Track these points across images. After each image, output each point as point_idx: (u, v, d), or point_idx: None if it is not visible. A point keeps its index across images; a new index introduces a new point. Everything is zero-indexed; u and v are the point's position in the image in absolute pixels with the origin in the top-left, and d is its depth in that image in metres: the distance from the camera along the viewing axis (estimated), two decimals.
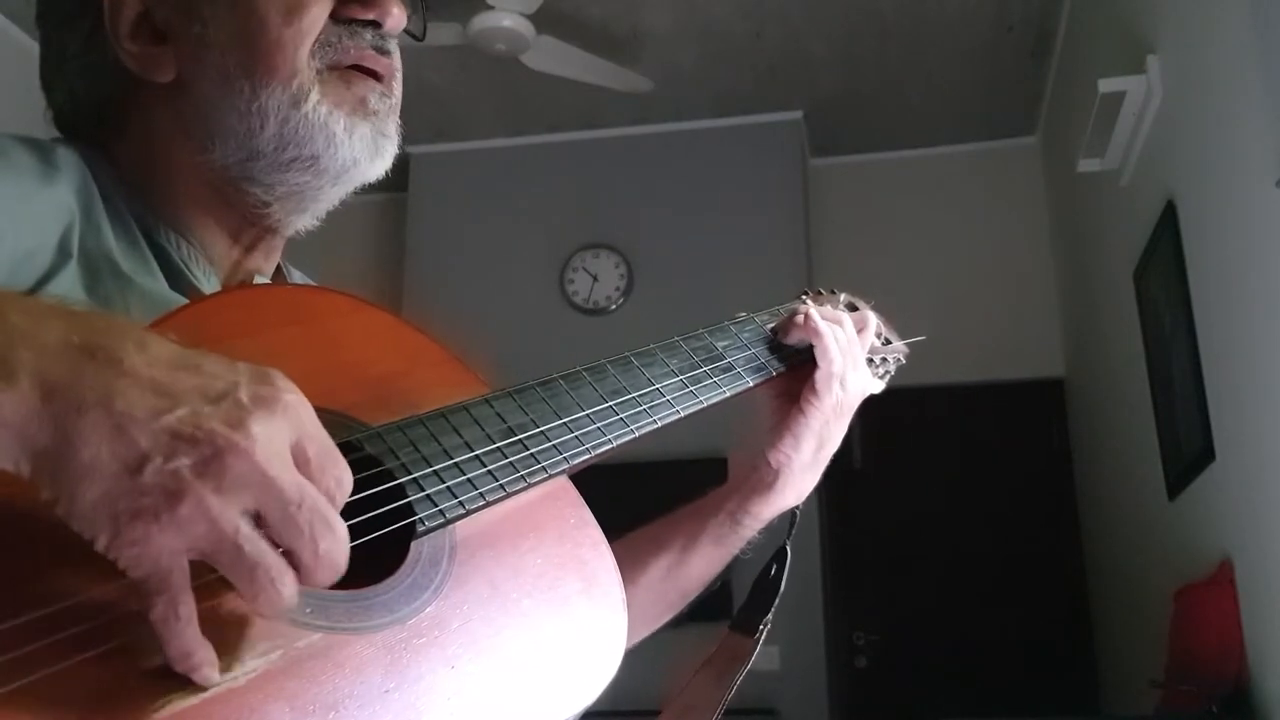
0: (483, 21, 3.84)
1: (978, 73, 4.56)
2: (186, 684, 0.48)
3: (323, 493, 0.49)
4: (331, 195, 0.79)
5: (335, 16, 0.75)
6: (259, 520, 0.48)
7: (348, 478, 0.51)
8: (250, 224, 0.79)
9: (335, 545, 0.49)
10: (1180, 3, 2.91)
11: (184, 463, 0.45)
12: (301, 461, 0.49)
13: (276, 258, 0.84)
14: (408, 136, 0.82)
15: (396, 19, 0.78)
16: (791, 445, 0.92)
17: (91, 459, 0.45)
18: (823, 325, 0.92)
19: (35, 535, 0.47)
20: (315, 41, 0.74)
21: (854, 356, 0.94)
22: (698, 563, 0.93)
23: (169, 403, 0.47)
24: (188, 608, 0.47)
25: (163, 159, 0.76)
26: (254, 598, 0.47)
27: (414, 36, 0.82)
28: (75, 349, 0.47)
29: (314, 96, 0.74)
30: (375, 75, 0.77)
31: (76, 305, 0.52)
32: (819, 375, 0.92)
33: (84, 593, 0.48)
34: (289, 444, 0.49)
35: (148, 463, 0.45)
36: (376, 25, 0.77)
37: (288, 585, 0.48)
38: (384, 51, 0.78)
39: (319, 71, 0.74)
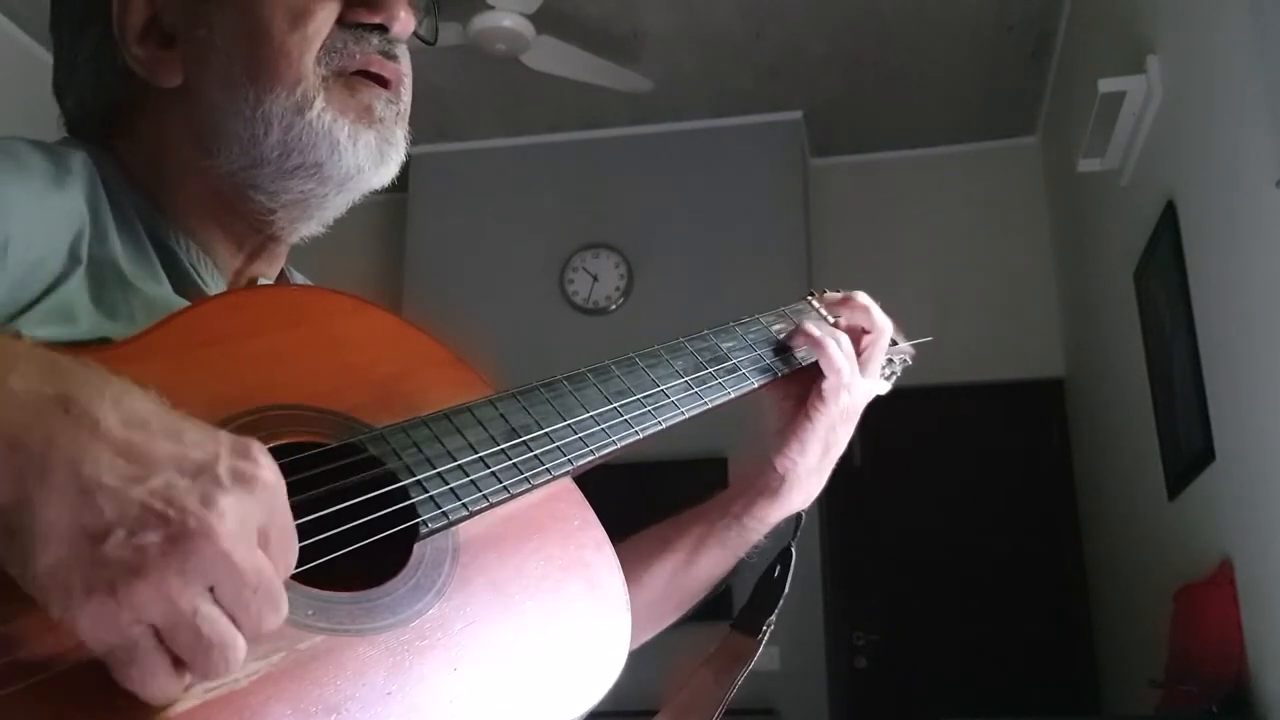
0: (483, 21, 3.83)
1: (978, 73, 4.56)
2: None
3: (278, 572, 0.48)
4: (337, 203, 0.78)
5: (342, 21, 0.74)
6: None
7: (294, 562, 0.49)
8: (255, 231, 0.78)
9: (276, 624, 0.47)
10: (1180, 3, 2.91)
11: (150, 539, 0.43)
12: (263, 542, 0.47)
13: (280, 264, 0.84)
14: (408, 137, 0.81)
15: (404, 23, 0.76)
16: (798, 451, 0.92)
17: (50, 523, 0.42)
18: (825, 339, 0.92)
19: None
20: (321, 47, 0.73)
21: (864, 362, 0.94)
22: (703, 565, 0.93)
23: (143, 471, 0.44)
24: (164, 671, 0.45)
25: (170, 163, 0.76)
26: (205, 675, 0.45)
27: (425, 41, 0.81)
28: (49, 400, 0.44)
29: (318, 104, 0.73)
30: (382, 81, 0.76)
31: (59, 354, 0.49)
32: (827, 385, 0.91)
33: None
34: (257, 525, 0.47)
35: (111, 534, 0.42)
36: (384, 30, 0.76)
37: (237, 660, 0.46)
38: (391, 56, 0.77)
39: (324, 78, 0.73)
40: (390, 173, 0.77)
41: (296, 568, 0.50)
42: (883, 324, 0.98)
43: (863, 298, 1.00)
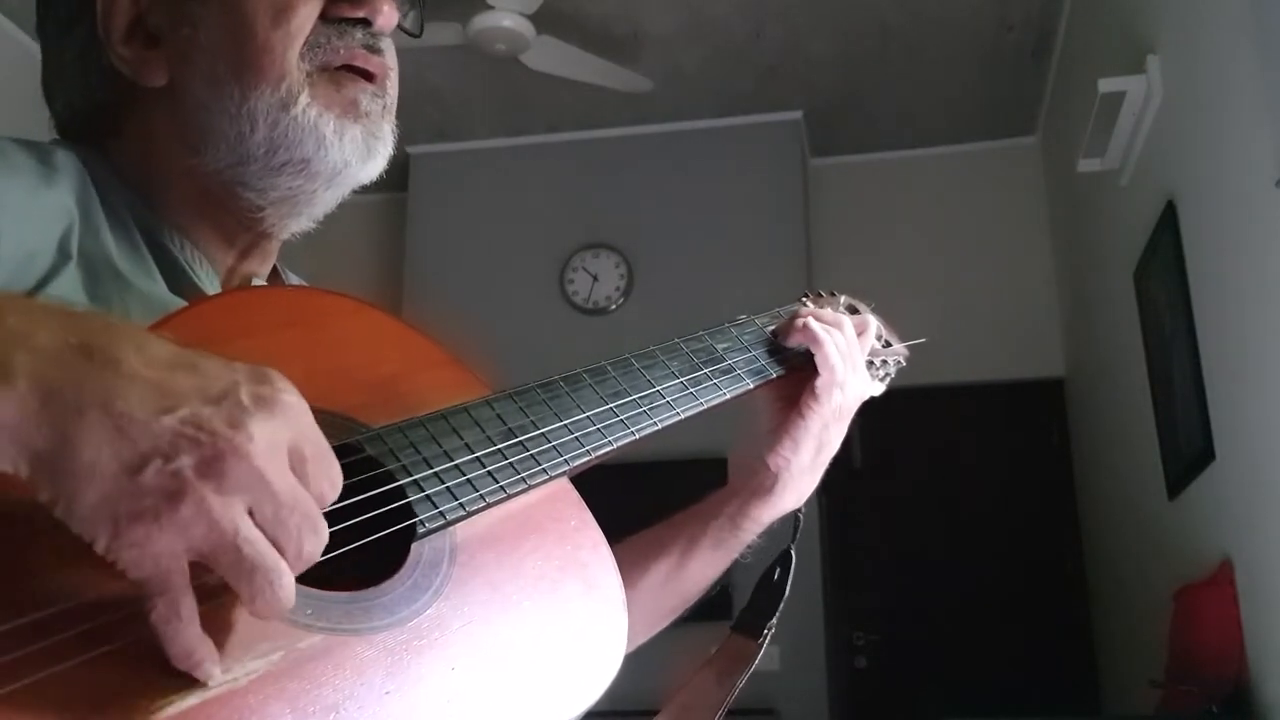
0: (483, 21, 3.84)
1: (978, 73, 4.56)
2: (187, 685, 0.48)
3: (315, 495, 0.49)
4: (325, 199, 0.78)
5: (325, 16, 0.75)
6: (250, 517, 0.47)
7: (339, 479, 0.51)
8: (245, 228, 0.79)
9: (317, 548, 0.49)
10: (1180, 3, 2.91)
11: (185, 463, 0.45)
12: (297, 462, 0.49)
13: (272, 260, 0.84)
14: (407, 136, 0.81)
15: (387, 17, 0.77)
16: (791, 449, 0.92)
17: (91, 460, 0.44)
18: (822, 333, 0.92)
19: (33, 536, 0.47)
20: (304, 43, 0.73)
21: (854, 360, 0.94)
22: (698, 566, 0.93)
23: (169, 402, 0.46)
24: (189, 607, 0.47)
25: (159, 162, 0.76)
26: (252, 599, 0.47)
27: (410, 34, 0.81)
28: (73, 350, 0.46)
29: (303, 99, 0.73)
30: (367, 75, 0.76)
31: (74, 307, 0.52)
32: (820, 382, 0.91)
33: (84, 595, 0.47)
34: (286, 445, 0.49)
35: (148, 463, 0.45)
36: (367, 24, 0.76)
37: (285, 587, 0.47)
38: (375, 50, 0.77)
39: (309, 74, 0.74)
40: (378, 167, 0.78)
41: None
42: (868, 320, 0.99)
43: (844, 299, 1.01)
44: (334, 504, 0.58)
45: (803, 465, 0.93)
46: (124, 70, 0.74)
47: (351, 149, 0.75)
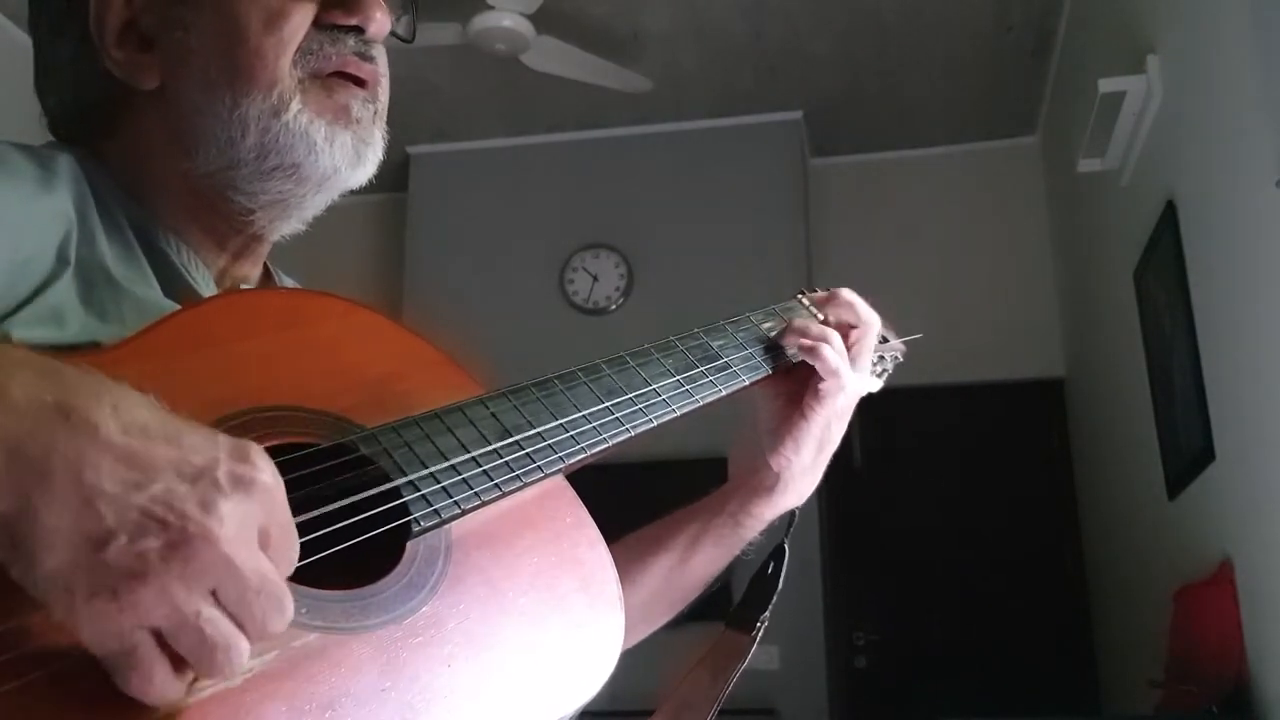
0: (483, 21, 3.84)
1: (978, 72, 4.56)
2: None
3: (279, 573, 0.48)
4: (315, 202, 0.78)
5: (317, 23, 0.75)
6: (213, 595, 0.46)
7: (295, 559, 0.50)
8: (235, 231, 0.79)
9: (282, 625, 0.48)
10: (1180, 3, 2.91)
11: (151, 545, 0.43)
12: (264, 544, 0.48)
13: (262, 262, 0.84)
14: (407, 136, 0.82)
15: (380, 24, 0.77)
16: (793, 450, 0.92)
17: (53, 529, 0.43)
18: (821, 344, 0.91)
19: None
20: (297, 49, 0.74)
21: (855, 360, 0.94)
22: (699, 563, 0.93)
23: (143, 477, 0.45)
24: (163, 674, 0.45)
25: (152, 165, 0.76)
26: (209, 674, 0.46)
27: (403, 40, 0.82)
28: (48, 408, 0.44)
29: (294, 105, 0.73)
30: (359, 82, 0.77)
31: (54, 358, 0.49)
32: (824, 386, 0.91)
33: None
34: (257, 527, 0.47)
35: (112, 540, 0.43)
36: (360, 31, 0.76)
37: (242, 660, 0.46)
38: (367, 58, 0.77)
39: (301, 80, 0.74)
40: (368, 172, 0.78)
41: None
42: (869, 319, 0.98)
43: (848, 294, 0.99)
44: (331, 505, 0.58)
45: (805, 464, 0.93)
46: (117, 73, 0.74)
47: (341, 155, 0.75)
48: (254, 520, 0.47)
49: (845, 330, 0.96)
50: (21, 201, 0.65)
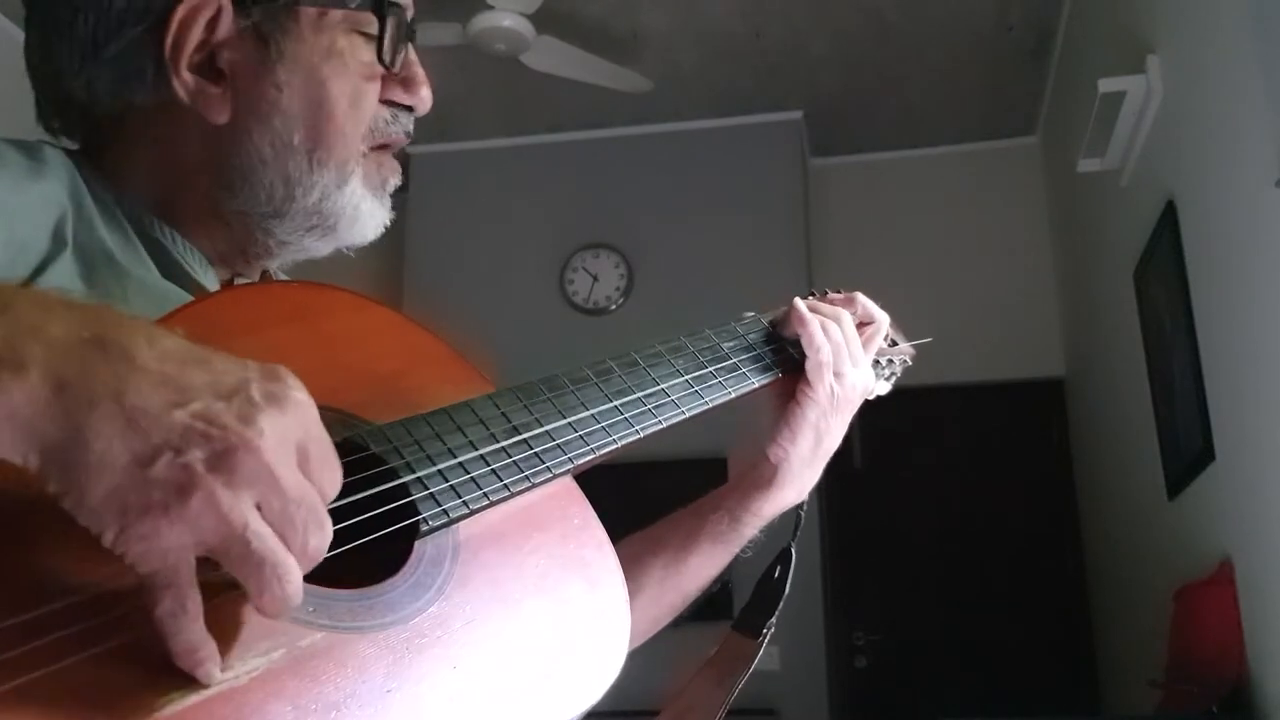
0: (483, 21, 3.83)
1: (978, 73, 4.56)
2: (188, 682, 0.48)
3: (319, 491, 0.50)
4: (323, 251, 0.82)
5: (381, 99, 0.79)
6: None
7: (339, 479, 0.52)
8: (243, 256, 0.81)
9: (324, 544, 0.50)
10: (1180, 3, 2.91)
11: (196, 456, 0.45)
12: (303, 459, 0.49)
13: (259, 269, 0.85)
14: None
15: (428, 102, 0.81)
16: (789, 439, 0.92)
17: (102, 452, 0.45)
18: (808, 315, 0.92)
19: (36, 531, 0.47)
20: (367, 126, 0.78)
21: (852, 351, 0.94)
22: (697, 562, 0.92)
23: (181, 397, 0.47)
24: (194, 603, 0.47)
25: (175, 176, 0.76)
26: (260, 593, 0.47)
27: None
28: (86, 343, 0.46)
29: (355, 180, 0.77)
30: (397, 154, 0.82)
31: (86, 299, 0.52)
32: (809, 365, 0.91)
33: (85, 591, 0.47)
34: (295, 442, 0.49)
35: (159, 456, 0.45)
36: (410, 109, 0.81)
37: (293, 582, 0.48)
38: (409, 135, 0.82)
39: (363, 154, 0.78)
40: (376, 236, 0.83)
41: None
42: (880, 317, 0.99)
43: (862, 297, 1.01)
44: (337, 501, 0.58)
45: (802, 456, 0.92)
46: (181, 94, 0.74)
47: (371, 224, 0.80)
48: (291, 434, 0.48)
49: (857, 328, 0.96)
50: (13, 187, 0.66)
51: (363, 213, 0.78)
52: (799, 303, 0.93)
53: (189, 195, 0.76)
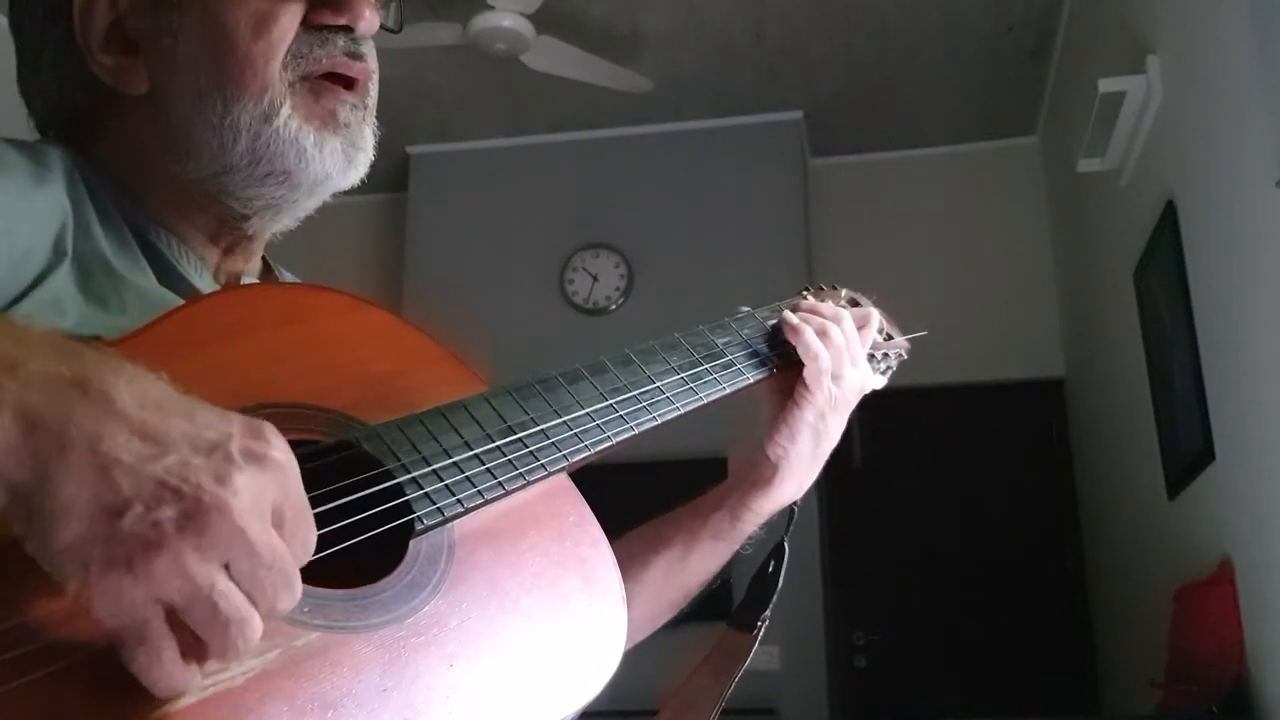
0: (483, 21, 3.83)
1: (978, 73, 4.56)
2: None
3: (292, 553, 0.48)
4: (308, 205, 0.78)
5: (305, 23, 0.74)
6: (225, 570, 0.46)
7: (313, 542, 0.50)
8: (229, 230, 0.79)
9: (290, 604, 0.48)
10: (1180, 3, 2.91)
11: (166, 515, 0.44)
12: (278, 521, 0.48)
13: (258, 256, 0.84)
14: (407, 136, 0.82)
15: (369, 21, 0.76)
16: (788, 438, 0.92)
17: (69, 500, 0.43)
18: (799, 325, 0.91)
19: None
20: (287, 53, 0.73)
21: (852, 353, 0.94)
22: (698, 559, 0.92)
23: (158, 449, 0.45)
24: (170, 653, 0.45)
25: (143, 166, 0.75)
26: (221, 652, 0.46)
27: (391, 30, 0.81)
28: (66, 382, 0.45)
29: (284, 111, 0.72)
30: (348, 83, 0.76)
31: (70, 336, 0.50)
32: (807, 372, 0.91)
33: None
34: (270, 503, 0.47)
35: (129, 510, 0.43)
36: (349, 30, 0.76)
37: (254, 638, 0.46)
38: (357, 56, 0.76)
39: (291, 84, 0.73)
40: (359, 174, 0.78)
41: None
42: (866, 314, 0.99)
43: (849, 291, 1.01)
44: (330, 502, 0.58)
45: (801, 455, 0.92)
46: (104, 78, 0.73)
47: (332, 160, 0.75)
48: (267, 495, 0.47)
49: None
50: (17, 195, 0.65)
51: (309, 149, 0.73)
52: (789, 315, 0.93)
53: (162, 183, 0.75)
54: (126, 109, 0.75)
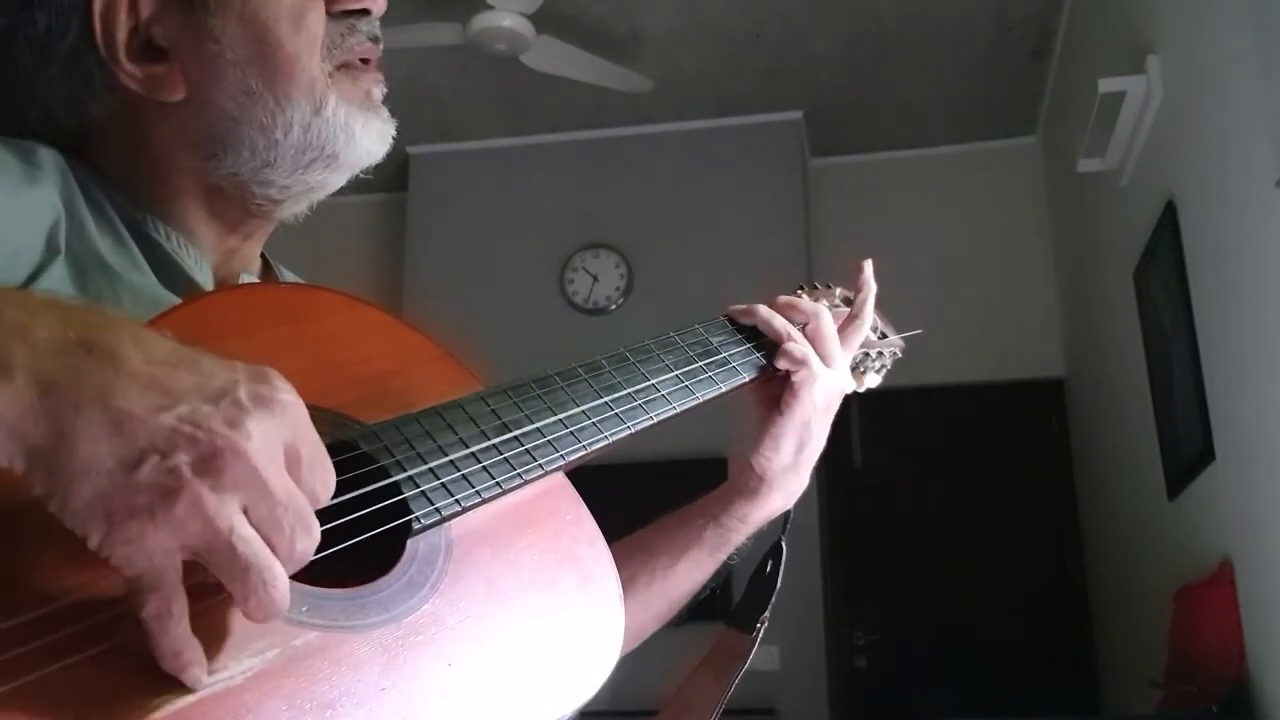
0: (483, 21, 3.84)
1: (978, 73, 4.56)
2: (181, 684, 0.48)
3: (308, 494, 0.50)
4: (338, 184, 0.81)
5: (328, 12, 0.76)
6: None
7: (333, 480, 0.52)
8: (252, 216, 0.80)
9: (310, 547, 0.49)
10: (1180, 3, 2.91)
11: (182, 460, 0.45)
12: (292, 462, 0.49)
13: (262, 242, 0.84)
14: (407, 136, 0.83)
15: (382, 3, 0.79)
16: (772, 448, 0.91)
17: (88, 456, 0.44)
18: (782, 329, 0.91)
19: (26, 534, 0.47)
20: (321, 44, 0.75)
21: (829, 351, 0.93)
22: (685, 569, 0.92)
23: (168, 400, 0.46)
24: (180, 605, 0.46)
25: (155, 166, 0.75)
26: (245, 598, 0.47)
27: None
28: (72, 344, 0.46)
29: (332, 101, 0.75)
30: (367, 63, 0.79)
31: (73, 301, 0.52)
32: (796, 378, 0.91)
33: (77, 593, 0.47)
34: (283, 445, 0.49)
35: (145, 460, 0.45)
36: (365, 13, 0.79)
37: (279, 587, 0.47)
38: (375, 39, 0.79)
39: (330, 74, 0.76)
40: (388, 146, 0.81)
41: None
42: (859, 313, 0.98)
43: (841, 291, 1.00)
44: (329, 501, 0.58)
45: (785, 463, 0.92)
46: (134, 88, 0.73)
47: (374, 138, 0.78)
48: (279, 436, 0.48)
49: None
50: (7, 193, 0.65)
51: (357, 131, 0.77)
52: (772, 319, 0.92)
53: (176, 179, 0.76)
54: (146, 114, 0.74)
